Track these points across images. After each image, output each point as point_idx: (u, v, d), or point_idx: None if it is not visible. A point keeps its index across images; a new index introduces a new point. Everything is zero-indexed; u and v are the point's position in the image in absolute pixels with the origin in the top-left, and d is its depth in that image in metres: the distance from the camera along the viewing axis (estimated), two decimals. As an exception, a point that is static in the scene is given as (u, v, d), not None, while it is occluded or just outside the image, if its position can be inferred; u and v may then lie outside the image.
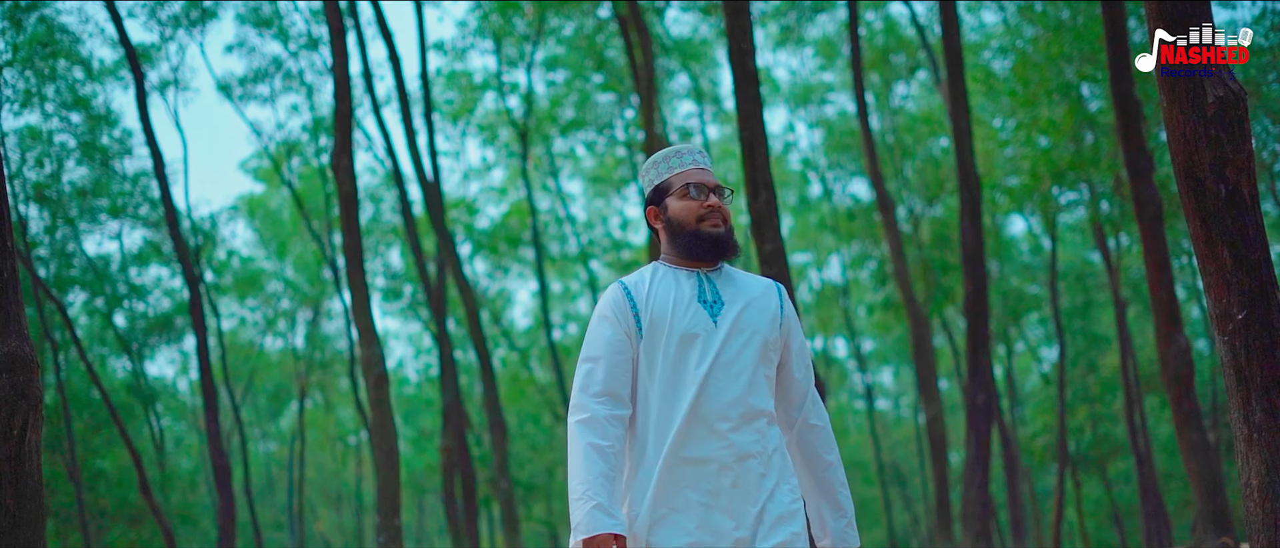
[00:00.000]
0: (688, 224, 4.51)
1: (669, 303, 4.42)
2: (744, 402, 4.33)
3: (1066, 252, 37.64)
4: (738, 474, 4.27)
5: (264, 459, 51.98)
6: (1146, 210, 13.34)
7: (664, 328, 4.38)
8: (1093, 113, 23.82)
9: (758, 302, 4.52)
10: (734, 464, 4.28)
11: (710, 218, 4.51)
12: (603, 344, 4.40)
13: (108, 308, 29.94)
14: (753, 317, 4.46)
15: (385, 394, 17.27)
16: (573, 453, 4.28)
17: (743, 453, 4.30)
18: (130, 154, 27.46)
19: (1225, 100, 4.99)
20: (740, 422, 4.32)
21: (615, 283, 4.54)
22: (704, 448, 4.28)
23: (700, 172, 4.58)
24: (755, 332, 4.44)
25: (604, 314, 4.46)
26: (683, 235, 4.51)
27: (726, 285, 4.53)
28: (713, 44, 32.66)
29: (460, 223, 35.99)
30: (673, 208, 4.54)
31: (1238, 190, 4.99)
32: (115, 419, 23.30)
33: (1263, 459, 4.86)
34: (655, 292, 4.46)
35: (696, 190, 4.52)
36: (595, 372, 4.37)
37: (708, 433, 4.28)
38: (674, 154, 4.62)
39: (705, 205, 4.50)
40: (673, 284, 4.48)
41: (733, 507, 4.25)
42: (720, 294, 4.49)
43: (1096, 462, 31.68)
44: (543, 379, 42.23)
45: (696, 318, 4.40)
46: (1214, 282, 5.03)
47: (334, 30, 18.54)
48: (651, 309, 4.42)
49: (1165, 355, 12.83)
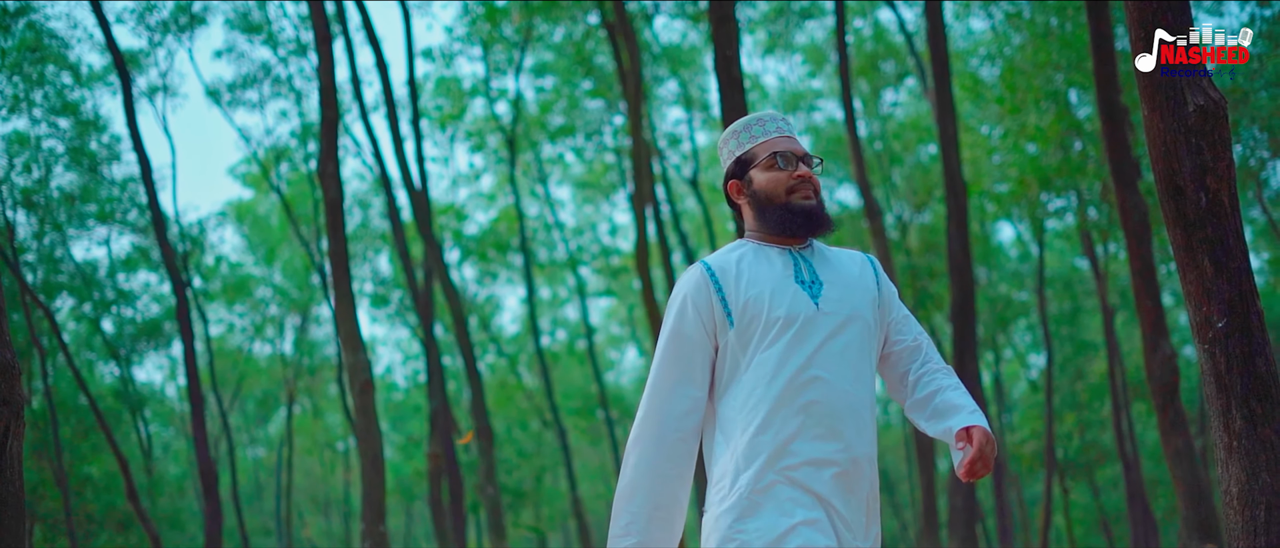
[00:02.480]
0: (777, 197, 4.15)
1: (764, 286, 4.05)
2: (855, 396, 3.98)
3: (1054, 258, 37.67)
4: (852, 479, 3.94)
5: (252, 465, 51.91)
6: (1132, 218, 13.36)
7: (760, 314, 4.01)
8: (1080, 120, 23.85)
9: (857, 281, 4.18)
10: (850, 468, 3.94)
11: (801, 189, 4.15)
12: (684, 334, 4.05)
13: (95, 314, 29.89)
14: (855, 299, 4.11)
15: (371, 401, 17.24)
16: (634, 469, 4.00)
17: (857, 456, 3.96)
18: (119, 160, 27.42)
19: (1206, 109, 5.01)
20: (854, 420, 3.96)
21: (697, 264, 4.19)
22: (818, 449, 3.90)
23: (786, 139, 4.23)
24: (860, 317, 4.09)
25: (685, 300, 4.09)
26: (772, 209, 4.16)
27: (822, 264, 4.17)
28: (701, 50, 32.66)
29: (449, 229, 35.98)
30: (759, 180, 4.19)
31: (1218, 199, 5.00)
32: (103, 425, 23.27)
33: (1242, 467, 4.87)
34: (745, 273, 4.09)
35: (784, 160, 4.17)
36: (674, 366, 4.03)
37: (823, 433, 3.92)
38: (756, 122, 4.27)
39: (795, 175, 4.15)
40: (765, 264, 4.12)
41: (848, 516, 3.90)
42: (817, 274, 4.12)
43: (1084, 468, 31.70)
44: (531, 385, 42.20)
45: (797, 301, 4.02)
46: (1194, 290, 5.04)
47: (320, 36, 18.51)
48: (743, 293, 4.04)
49: (1151, 363, 12.84)
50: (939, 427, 4.10)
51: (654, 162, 30.71)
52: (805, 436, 3.90)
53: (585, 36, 29.39)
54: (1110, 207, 23.56)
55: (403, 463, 42.95)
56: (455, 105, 33.93)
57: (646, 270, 23.00)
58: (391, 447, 44.94)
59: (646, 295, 23.12)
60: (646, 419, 4.02)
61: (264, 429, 50.48)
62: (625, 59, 23.83)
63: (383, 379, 45.84)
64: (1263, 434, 4.86)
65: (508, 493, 34.35)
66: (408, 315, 37.04)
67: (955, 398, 4.13)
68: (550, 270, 41.58)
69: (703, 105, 34.55)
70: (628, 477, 4.02)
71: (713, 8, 13.38)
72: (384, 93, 25.25)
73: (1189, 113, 5.01)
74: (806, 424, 3.90)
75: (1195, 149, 5.00)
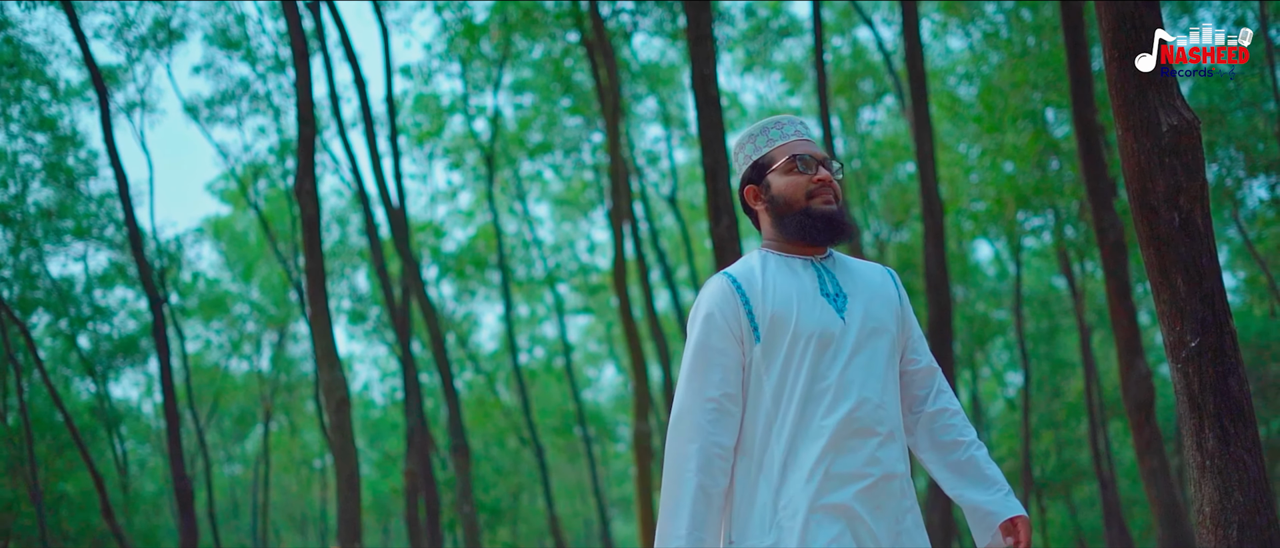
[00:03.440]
0: (797, 202, 3.97)
1: (790, 299, 3.87)
2: (885, 411, 3.83)
3: (1031, 277, 37.77)
4: (881, 495, 3.78)
5: (228, 483, 51.75)
6: (1108, 237, 13.42)
7: (787, 328, 3.83)
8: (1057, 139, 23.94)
9: (880, 293, 4.01)
10: (881, 484, 3.77)
11: (821, 193, 3.96)
12: (712, 347, 3.84)
13: (72, 330, 29.78)
14: (880, 311, 3.96)
15: (346, 418, 17.22)
16: (677, 485, 3.78)
17: (889, 473, 3.80)
18: (96, 175, 27.35)
19: (1180, 129, 5.02)
20: (885, 437, 3.80)
21: (720, 276, 3.98)
22: (846, 464, 3.74)
23: (805, 142, 4.05)
24: (885, 330, 3.94)
25: (711, 313, 3.88)
26: (792, 215, 3.97)
27: (845, 276, 4.01)
28: (680, 68, 32.72)
29: (427, 246, 35.96)
30: (777, 184, 4.00)
31: (1191, 219, 5.01)
32: (78, 442, 23.15)
33: (1215, 487, 4.88)
34: (771, 284, 3.90)
35: (804, 163, 3.98)
36: (707, 380, 3.82)
37: (852, 449, 3.76)
38: (773, 125, 4.09)
39: (815, 179, 3.96)
40: (789, 276, 3.93)
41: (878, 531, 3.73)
42: (841, 286, 3.96)
43: (1061, 487, 31.77)
44: (508, 403, 42.16)
45: (824, 315, 3.86)
46: (1167, 310, 5.05)
47: (298, 53, 18.50)
48: (770, 306, 3.86)
49: (1126, 382, 12.89)
50: (969, 496, 4.01)
51: (632, 179, 30.74)
52: (833, 453, 3.75)
53: (564, 54, 29.41)
54: (1087, 226, 23.62)
55: (380, 480, 42.88)
56: (434, 122, 33.95)
57: (624, 288, 23.04)
58: (368, 464, 44.86)
59: (624, 313, 23.15)
60: (683, 437, 3.83)
61: (241, 446, 50.32)
62: (604, 76, 23.87)
63: (360, 396, 45.77)
64: (1235, 453, 4.87)
65: (485, 511, 34.30)
66: (385, 332, 36.97)
67: (987, 467, 4.04)
68: (528, 288, 41.57)
69: (681, 123, 34.60)
70: (673, 497, 3.81)
71: (690, 26, 13.41)
72: (362, 109, 25.23)
73: (1163, 133, 5.02)
74: (834, 441, 3.75)
75: (1169, 169, 5.02)
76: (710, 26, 13.54)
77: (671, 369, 27.99)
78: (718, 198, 12.64)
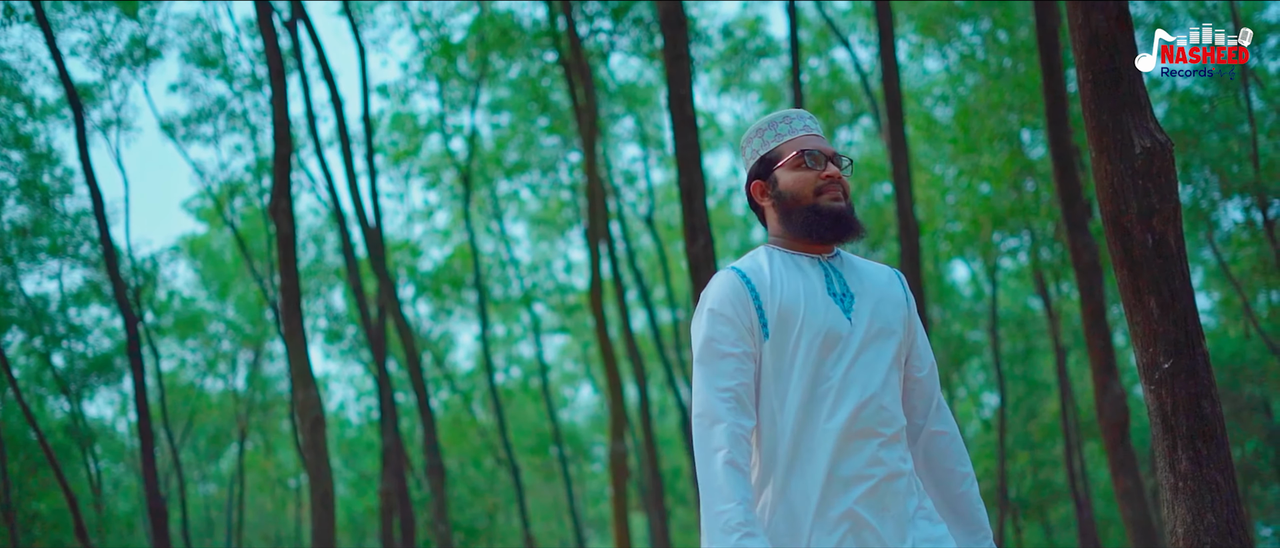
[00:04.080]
0: (804, 198, 3.89)
1: (798, 296, 3.80)
2: (889, 413, 3.77)
3: (1007, 298, 37.84)
4: (886, 497, 3.72)
5: (203, 502, 51.51)
6: (1083, 258, 13.45)
7: (794, 326, 3.76)
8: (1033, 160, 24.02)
9: (887, 295, 3.93)
10: (884, 484, 3.71)
11: (830, 190, 3.89)
12: (723, 339, 3.75)
13: (46, 348, 29.63)
14: (887, 313, 3.89)
15: (321, 438, 17.17)
16: (711, 469, 3.61)
17: (893, 472, 3.73)
18: (71, 193, 27.24)
19: (1153, 151, 5.03)
20: (888, 438, 3.75)
21: (727, 270, 3.89)
22: (849, 467, 3.68)
23: (815, 137, 3.97)
24: (892, 332, 3.87)
25: (720, 309, 3.79)
26: (798, 211, 3.90)
27: (852, 275, 3.94)
28: (657, 89, 32.75)
29: (403, 265, 35.90)
30: (784, 180, 3.92)
31: (1165, 240, 5.02)
32: (51, 461, 23.03)
33: (1188, 509, 4.89)
34: (779, 281, 3.83)
35: (813, 159, 3.91)
36: (720, 371, 3.72)
37: (857, 451, 3.70)
38: (781, 119, 4.01)
39: (824, 175, 3.89)
40: (797, 273, 3.86)
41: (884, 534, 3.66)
42: (848, 286, 3.89)
43: (1037, 508, 31.80)
44: (484, 422, 42.09)
45: (831, 315, 3.79)
46: (1141, 331, 5.06)
47: (274, 71, 18.48)
48: (778, 302, 3.78)
49: (1101, 403, 12.92)
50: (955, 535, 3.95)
51: (609, 199, 30.74)
52: (836, 457, 3.69)
53: (541, 73, 29.43)
54: (1062, 247, 23.70)
55: (355, 500, 42.73)
56: (410, 141, 33.93)
57: (601, 308, 23.01)
58: (344, 484, 44.71)
59: (600, 333, 23.13)
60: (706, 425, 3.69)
61: (215, 466, 50.10)
62: (581, 96, 23.89)
63: (336, 416, 45.62)
64: (1208, 475, 4.88)
65: (460, 531, 34.17)
66: (361, 352, 36.89)
67: (977, 508, 4.00)
68: (505, 307, 41.53)
69: (658, 143, 34.64)
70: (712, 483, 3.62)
71: (667, 46, 13.42)
72: (339, 128, 25.22)
73: (1136, 155, 5.04)
74: (838, 443, 3.69)
75: (1142, 191, 5.03)
76: (687, 47, 13.55)
77: (648, 389, 27.98)
78: (694, 217, 12.65)
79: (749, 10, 34.66)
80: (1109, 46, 5.15)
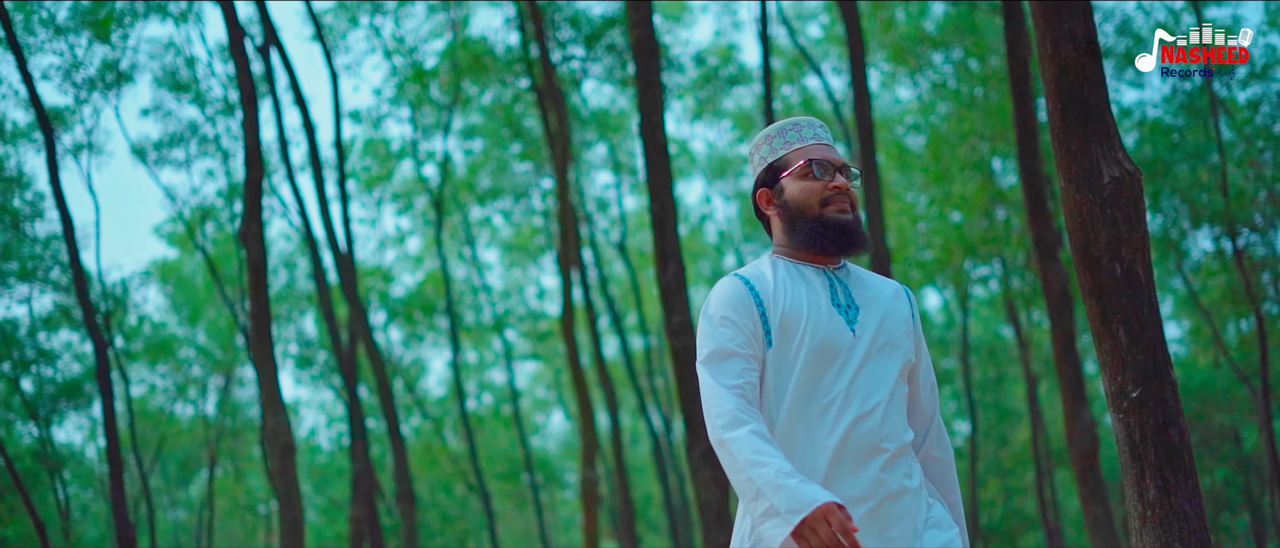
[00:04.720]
0: (810, 208, 3.82)
1: (802, 305, 3.73)
2: (891, 427, 3.69)
3: (978, 326, 37.92)
4: (888, 516, 3.64)
5: (172, 528, 51.22)
6: (1054, 287, 13.50)
7: (796, 335, 3.70)
8: (1004, 189, 24.10)
9: (893, 309, 3.86)
10: (886, 504, 3.63)
11: (836, 201, 3.82)
12: (728, 339, 3.69)
13: (14, 373, 29.48)
14: (892, 327, 3.82)
15: (292, 464, 17.11)
16: (735, 446, 3.50)
17: (895, 491, 3.66)
18: (41, 217, 27.12)
19: (1121, 181, 5.06)
20: (893, 454, 3.67)
21: (731, 276, 3.84)
22: (850, 487, 3.61)
23: (824, 147, 3.91)
24: (897, 346, 3.80)
25: (723, 315, 3.74)
26: (804, 221, 3.83)
27: (858, 287, 3.87)
28: (630, 115, 32.78)
29: (375, 291, 35.81)
30: (791, 189, 3.86)
31: (1133, 270, 5.05)
32: (20, 487, 22.90)
33: (1156, 537, 4.90)
34: (783, 290, 3.76)
35: (820, 168, 3.84)
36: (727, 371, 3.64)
37: (858, 468, 3.63)
38: (790, 127, 3.95)
39: (830, 186, 3.82)
40: (802, 283, 3.80)
41: None
42: (853, 297, 3.81)
43: (1008, 536, 31.83)
44: (456, 449, 41.97)
45: (834, 326, 3.72)
46: (1109, 360, 5.08)
47: (246, 96, 18.46)
48: (782, 310, 3.72)
49: (1072, 431, 12.95)
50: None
51: (581, 226, 30.74)
52: (836, 471, 3.62)
53: (514, 100, 29.43)
54: (1033, 275, 23.77)
55: (325, 526, 42.57)
56: (383, 167, 33.88)
57: (572, 334, 22.99)
58: (314, 510, 44.53)
59: (572, 359, 23.10)
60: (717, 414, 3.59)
61: (185, 491, 49.86)
62: (553, 123, 23.89)
63: (306, 442, 45.45)
64: (1175, 504, 4.90)
65: (431, 557, 34.12)
66: (332, 377, 36.77)
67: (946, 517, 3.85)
68: (476, 333, 41.43)
69: (631, 170, 34.65)
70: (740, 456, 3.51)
71: (639, 73, 13.45)
72: (311, 154, 25.17)
73: (1104, 184, 5.07)
74: (838, 459, 3.62)
75: (1110, 221, 5.06)
76: (659, 74, 13.58)
77: (619, 416, 27.94)
78: (665, 244, 12.67)
79: (722, 38, 34.77)
80: (1077, 77, 5.18)
